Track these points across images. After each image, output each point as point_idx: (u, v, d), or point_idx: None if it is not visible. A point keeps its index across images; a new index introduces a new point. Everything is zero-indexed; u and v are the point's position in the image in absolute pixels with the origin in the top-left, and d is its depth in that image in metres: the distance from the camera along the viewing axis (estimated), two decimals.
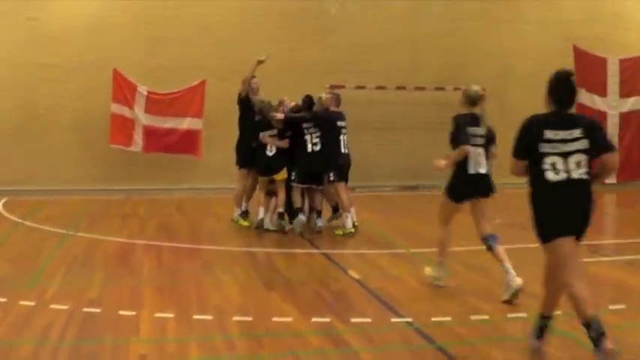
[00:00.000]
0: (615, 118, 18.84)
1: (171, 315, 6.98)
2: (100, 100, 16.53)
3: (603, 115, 18.72)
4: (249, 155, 11.77)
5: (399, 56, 18.38)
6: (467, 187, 7.83)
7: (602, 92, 18.75)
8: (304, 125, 11.41)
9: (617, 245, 11.22)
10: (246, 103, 12.02)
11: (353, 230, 11.29)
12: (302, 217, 11.45)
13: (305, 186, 11.59)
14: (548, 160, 5.57)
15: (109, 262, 9.49)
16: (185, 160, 16.95)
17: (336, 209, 11.97)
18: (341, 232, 11.25)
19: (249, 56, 12.86)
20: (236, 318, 6.91)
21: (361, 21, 18.24)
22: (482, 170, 7.77)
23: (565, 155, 5.56)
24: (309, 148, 11.34)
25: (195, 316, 6.94)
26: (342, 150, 11.32)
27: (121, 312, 7.05)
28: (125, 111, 16.36)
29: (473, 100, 8.03)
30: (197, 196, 16.34)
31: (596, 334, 5.34)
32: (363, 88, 17.51)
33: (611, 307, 7.33)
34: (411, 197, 16.68)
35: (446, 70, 18.47)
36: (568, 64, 18.53)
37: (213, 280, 8.48)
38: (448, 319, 6.96)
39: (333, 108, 11.65)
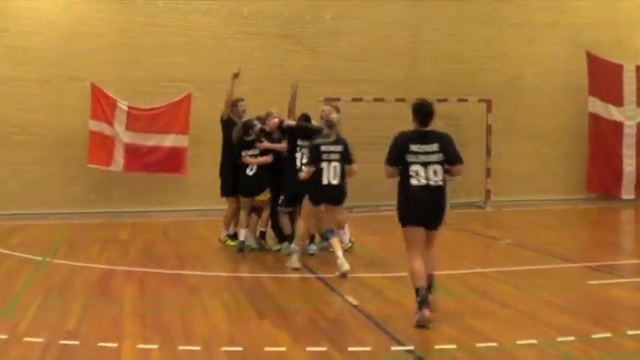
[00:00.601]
0: (632, 129, 18.89)
1: (155, 346, 7.02)
2: (77, 117, 16.62)
3: (619, 126, 18.79)
4: (233, 181, 12.07)
5: (398, 65, 18.49)
6: (321, 194, 10.29)
7: (618, 101, 18.79)
8: (299, 142, 11.48)
9: (633, 266, 11.28)
10: (228, 126, 12.19)
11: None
12: (294, 247, 11.40)
13: (290, 209, 11.70)
14: (413, 167, 7.89)
15: (88, 291, 9.52)
16: (170, 179, 17.05)
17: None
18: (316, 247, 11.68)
19: (237, 66, 12.96)
20: (225, 348, 6.94)
21: (357, 27, 18.36)
22: (334, 182, 10.27)
23: (425, 165, 7.88)
24: (299, 166, 11.29)
25: (181, 347, 6.98)
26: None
27: (101, 344, 7.08)
28: (104, 128, 16.43)
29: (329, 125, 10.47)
30: (182, 218, 16.40)
31: (421, 300, 7.70)
32: (359, 100, 17.60)
33: (630, 332, 7.33)
34: None
35: (449, 80, 18.58)
36: (580, 70, 18.75)
37: (200, 308, 8.52)
38: (452, 346, 7.00)
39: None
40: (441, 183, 7.90)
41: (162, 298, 9.17)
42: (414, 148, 7.96)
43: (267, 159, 11.72)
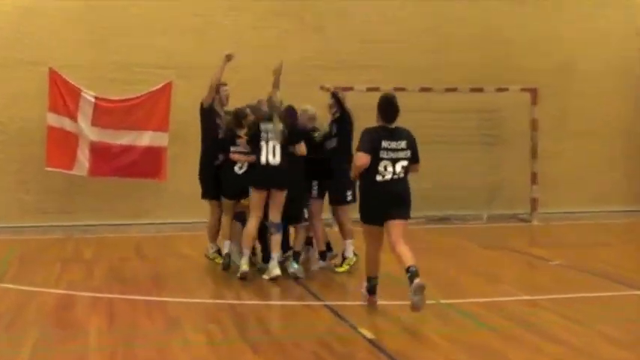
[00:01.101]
0: None
1: None
2: (33, 109, 16.66)
3: None
4: (215, 182, 12.17)
5: (423, 48, 18.49)
6: (260, 177, 11.39)
7: None
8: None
9: None
10: (209, 117, 12.23)
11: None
12: (295, 266, 11.81)
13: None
14: (382, 163, 9.44)
15: (44, 322, 9.48)
16: (145, 186, 17.07)
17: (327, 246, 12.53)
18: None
19: (226, 49, 12.94)
20: None
21: (374, 4, 18.40)
22: (275, 161, 11.21)
23: (394, 161, 9.50)
24: None
25: None
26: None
27: None
28: (66, 123, 16.44)
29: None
30: (160, 233, 16.41)
31: (371, 288, 9.89)
32: (376, 89, 17.52)
33: None
34: (440, 232, 16.75)
35: (486, 65, 18.57)
36: None
37: (182, 342, 8.49)
38: None
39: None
40: (404, 175, 9.69)
41: (135, 330, 9.12)
42: (385, 144, 9.51)
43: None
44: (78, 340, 8.67)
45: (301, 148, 11.53)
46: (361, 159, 9.46)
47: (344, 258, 12.20)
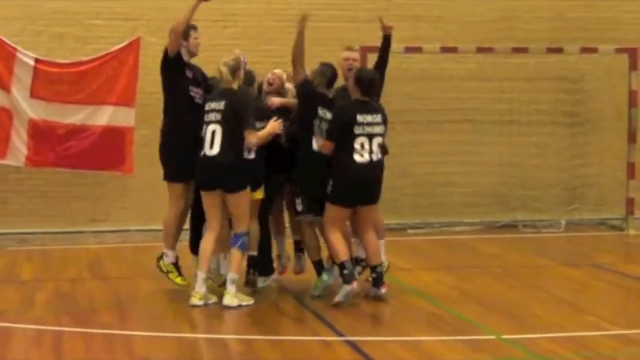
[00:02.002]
0: None
1: None
2: None
3: None
4: (187, 158, 12.05)
5: None
6: (198, 172, 11.84)
7: None
8: (319, 112, 12.15)
9: None
10: (178, 70, 12.24)
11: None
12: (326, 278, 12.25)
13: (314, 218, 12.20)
14: (359, 140, 11.46)
15: None
16: (105, 181, 17.17)
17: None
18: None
19: None
20: None
21: None
22: (212, 152, 11.61)
23: (370, 137, 11.51)
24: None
25: None
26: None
27: None
28: None
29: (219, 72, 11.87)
30: (124, 243, 16.54)
31: (349, 273, 11.50)
32: (417, 50, 17.62)
33: None
34: (504, 244, 16.80)
35: (567, 18, 18.57)
36: None
37: None
38: None
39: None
40: (381, 157, 11.68)
41: None
42: (360, 118, 11.52)
43: (274, 128, 11.92)
44: None
45: (252, 139, 11.80)
46: (324, 147, 11.63)
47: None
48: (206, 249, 11.69)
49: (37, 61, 16.50)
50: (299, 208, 12.11)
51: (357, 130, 11.46)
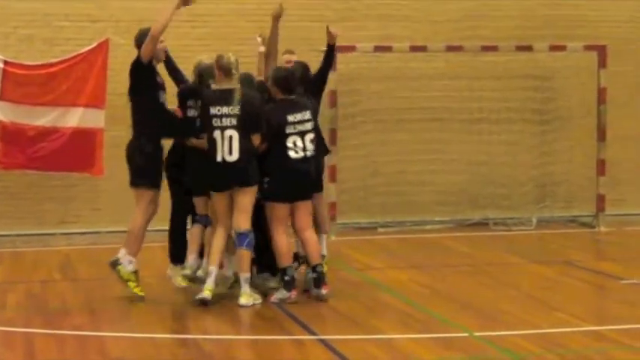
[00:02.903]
0: None
1: None
2: None
3: None
4: (159, 164, 12.19)
5: None
6: (213, 176, 11.88)
7: None
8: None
9: None
10: (152, 76, 12.25)
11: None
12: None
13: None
14: (291, 139, 11.70)
15: None
16: (75, 183, 17.13)
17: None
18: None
19: None
20: None
21: None
22: (232, 158, 11.71)
23: (302, 134, 11.77)
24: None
25: None
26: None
27: None
28: None
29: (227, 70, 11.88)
30: (96, 245, 16.48)
31: (289, 280, 11.76)
32: (387, 49, 17.66)
33: None
34: (475, 241, 16.83)
35: (536, 16, 18.62)
36: None
37: None
38: None
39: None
40: (315, 153, 11.99)
41: None
42: (290, 118, 11.78)
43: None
44: None
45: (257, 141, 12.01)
46: (259, 148, 11.80)
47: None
48: (219, 244, 11.80)
49: (5, 63, 16.43)
50: None
51: (289, 129, 11.74)
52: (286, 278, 11.72)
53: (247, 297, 11.59)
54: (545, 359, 9.33)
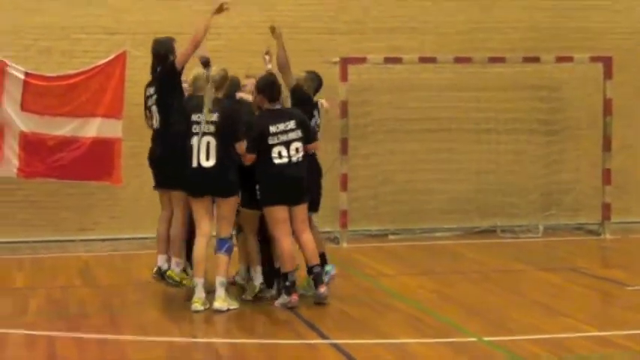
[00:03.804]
0: None
1: None
2: None
3: None
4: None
5: (459, 6, 18.58)
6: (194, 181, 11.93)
7: None
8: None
9: None
10: (179, 81, 12.46)
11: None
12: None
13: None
14: (275, 149, 11.74)
15: None
16: (94, 191, 17.18)
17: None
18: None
19: (197, 8, 13.04)
20: None
21: None
22: (208, 163, 11.77)
23: (287, 144, 11.79)
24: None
25: None
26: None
27: None
28: None
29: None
30: (114, 251, 16.54)
31: (290, 285, 11.79)
32: (397, 61, 17.67)
33: None
34: (483, 248, 16.87)
35: (543, 28, 18.64)
36: None
37: None
38: None
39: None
40: (302, 159, 11.99)
41: None
42: (272, 129, 11.83)
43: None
44: None
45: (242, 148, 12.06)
46: (244, 158, 11.83)
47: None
48: (201, 254, 11.86)
49: (26, 74, 16.49)
50: None
51: (272, 140, 11.78)
52: (287, 283, 11.83)
53: (222, 301, 11.69)
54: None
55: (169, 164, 12.31)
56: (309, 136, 12.07)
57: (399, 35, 18.19)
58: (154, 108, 12.60)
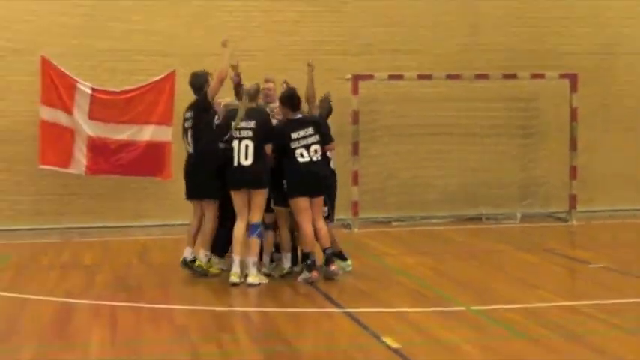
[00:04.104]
0: None
1: None
2: (24, 102, 16.80)
3: None
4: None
5: (451, 30, 18.50)
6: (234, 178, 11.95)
7: None
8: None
9: None
10: (210, 107, 12.51)
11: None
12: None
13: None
14: (297, 151, 11.83)
15: (41, 333, 9.61)
16: (148, 185, 17.21)
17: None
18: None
19: (234, 34, 13.02)
20: None
21: None
22: (246, 162, 11.83)
23: (307, 147, 11.85)
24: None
25: None
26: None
27: None
28: (61, 117, 16.51)
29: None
30: (166, 235, 16.52)
31: (311, 263, 11.81)
32: (399, 77, 17.63)
33: None
34: (470, 233, 16.77)
35: (519, 49, 18.55)
36: None
37: (191, 354, 8.60)
38: None
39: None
40: (321, 158, 11.99)
41: (140, 341, 9.24)
42: (294, 135, 11.84)
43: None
44: (78, 351, 8.82)
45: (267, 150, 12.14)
46: (269, 159, 11.90)
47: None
48: (239, 236, 11.87)
49: (93, 89, 16.58)
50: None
51: (294, 144, 11.80)
52: (309, 262, 11.82)
53: (254, 277, 11.69)
54: (530, 328, 9.29)
55: (200, 177, 12.44)
56: (325, 139, 12.07)
57: (401, 56, 18.15)
58: (190, 130, 12.59)
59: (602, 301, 10.59)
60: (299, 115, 12.03)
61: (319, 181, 12.01)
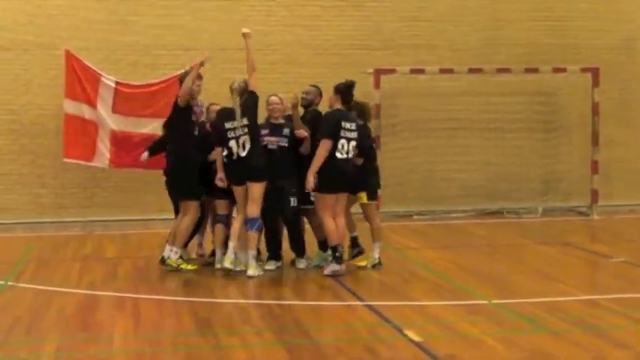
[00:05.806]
0: None
1: None
2: (48, 96, 16.85)
3: None
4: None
5: (472, 25, 18.47)
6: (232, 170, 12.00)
7: None
8: None
9: None
10: (187, 115, 12.74)
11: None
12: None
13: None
14: (341, 142, 11.69)
15: (64, 325, 9.63)
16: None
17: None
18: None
19: (256, 28, 12.98)
20: None
21: None
22: (243, 153, 11.87)
23: (349, 140, 11.75)
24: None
25: None
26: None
27: None
28: (85, 110, 16.53)
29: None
30: None
31: (340, 255, 11.74)
32: (420, 72, 17.61)
33: None
34: (491, 227, 16.76)
35: (541, 44, 18.51)
36: None
37: (213, 346, 8.60)
38: None
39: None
40: (352, 155, 11.90)
41: (163, 333, 9.26)
42: (345, 125, 11.77)
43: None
44: (101, 343, 8.84)
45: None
46: (322, 148, 11.64)
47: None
48: (237, 227, 11.97)
49: (117, 83, 16.54)
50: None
51: (343, 133, 11.69)
52: (337, 254, 11.76)
53: (253, 269, 11.79)
54: (551, 322, 9.26)
55: (179, 178, 12.84)
56: (362, 145, 12.02)
57: (423, 51, 18.12)
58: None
59: (623, 295, 10.57)
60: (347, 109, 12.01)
61: (348, 180, 11.92)
